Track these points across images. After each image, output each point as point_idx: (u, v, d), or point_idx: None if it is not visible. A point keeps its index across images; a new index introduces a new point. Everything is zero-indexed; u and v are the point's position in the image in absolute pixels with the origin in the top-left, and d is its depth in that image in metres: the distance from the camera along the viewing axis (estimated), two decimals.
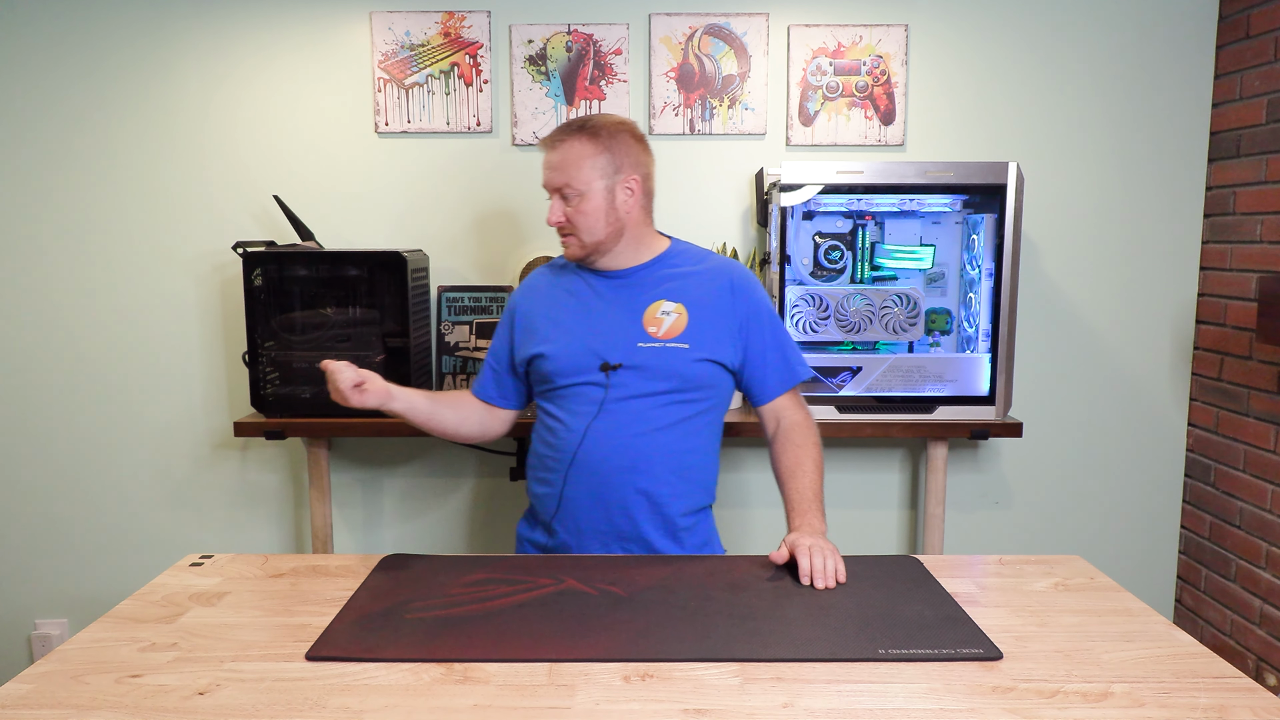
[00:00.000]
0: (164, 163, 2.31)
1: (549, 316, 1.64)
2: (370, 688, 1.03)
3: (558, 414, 1.59)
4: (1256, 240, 2.16)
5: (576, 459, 1.55)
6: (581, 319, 1.60)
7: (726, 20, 2.26)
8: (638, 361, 1.54)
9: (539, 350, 1.60)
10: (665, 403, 1.55)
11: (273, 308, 2.09)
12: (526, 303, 1.69)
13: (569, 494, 1.57)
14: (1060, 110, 2.30)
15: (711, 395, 1.60)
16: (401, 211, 2.34)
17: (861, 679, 1.05)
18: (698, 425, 1.59)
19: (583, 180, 1.55)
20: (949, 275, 2.20)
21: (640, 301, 1.59)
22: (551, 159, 1.57)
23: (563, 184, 1.56)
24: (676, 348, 1.55)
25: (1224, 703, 1.00)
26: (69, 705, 1.00)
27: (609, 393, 1.54)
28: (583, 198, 1.56)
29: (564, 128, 1.58)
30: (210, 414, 2.40)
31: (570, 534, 1.58)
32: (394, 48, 2.27)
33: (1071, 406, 2.41)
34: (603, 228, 1.58)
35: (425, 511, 2.45)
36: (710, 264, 1.64)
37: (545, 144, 1.59)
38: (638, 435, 1.54)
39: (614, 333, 1.57)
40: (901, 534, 2.47)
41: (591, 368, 1.56)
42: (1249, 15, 2.17)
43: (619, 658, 1.09)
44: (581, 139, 1.56)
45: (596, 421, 1.54)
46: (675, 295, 1.59)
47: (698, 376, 1.56)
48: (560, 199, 1.58)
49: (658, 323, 1.57)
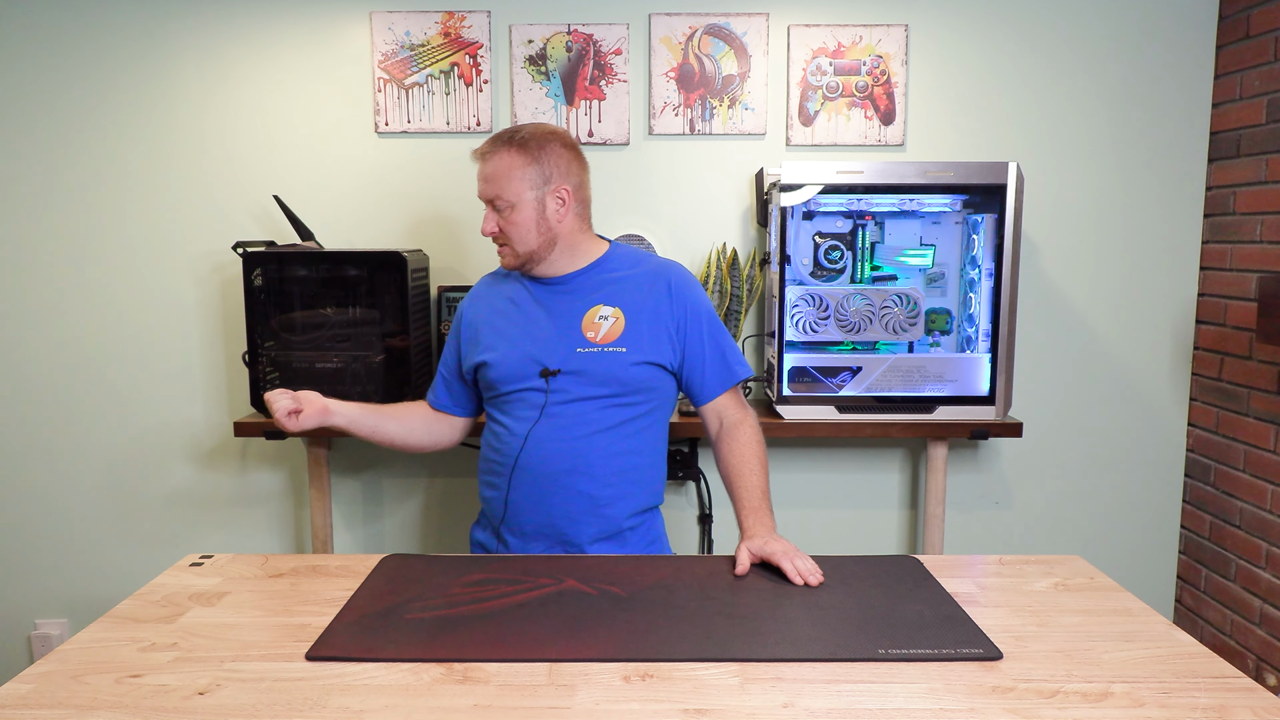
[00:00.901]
0: (164, 163, 2.31)
1: (491, 325, 1.67)
2: (370, 688, 1.03)
3: (502, 420, 1.63)
4: (1256, 240, 2.16)
5: (519, 463, 1.58)
6: (522, 326, 1.63)
7: (726, 20, 2.26)
8: (576, 366, 1.57)
9: (482, 358, 1.64)
10: (605, 405, 1.57)
11: (273, 308, 2.09)
12: (472, 311, 1.72)
13: (514, 498, 1.59)
14: (1060, 110, 2.30)
15: (653, 398, 1.62)
16: (401, 211, 2.34)
17: (861, 679, 1.05)
18: (639, 427, 1.61)
19: (513, 192, 1.57)
20: (949, 275, 2.20)
21: (578, 307, 1.61)
22: (483, 170, 1.59)
23: (494, 195, 1.59)
24: (615, 352, 1.57)
25: (1224, 703, 1.00)
26: (69, 705, 1.00)
27: (549, 398, 1.57)
28: (513, 209, 1.58)
29: (494, 139, 1.60)
30: (210, 414, 2.40)
31: (516, 536, 1.62)
32: (394, 48, 2.27)
33: (1071, 406, 2.41)
34: (534, 237, 1.60)
35: (425, 512, 2.45)
36: (647, 266, 1.66)
37: (476, 155, 1.61)
38: (578, 438, 1.56)
39: (553, 339, 1.59)
40: (901, 534, 2.47)
41: (532, 374, 1.58)
42: (1249, 15, 2.17)
43: (619, 658, 1.09)
44: (511, 151, 1.57)
45: (538, 426, 1.57)
46: (613, 299, 1.61)
47: (637, 380, 1.58)
48: (492, 210, 1.60)
49: (596, 327, 1.59)
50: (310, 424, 1.55)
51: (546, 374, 1.57)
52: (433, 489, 2.44)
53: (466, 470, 2.43)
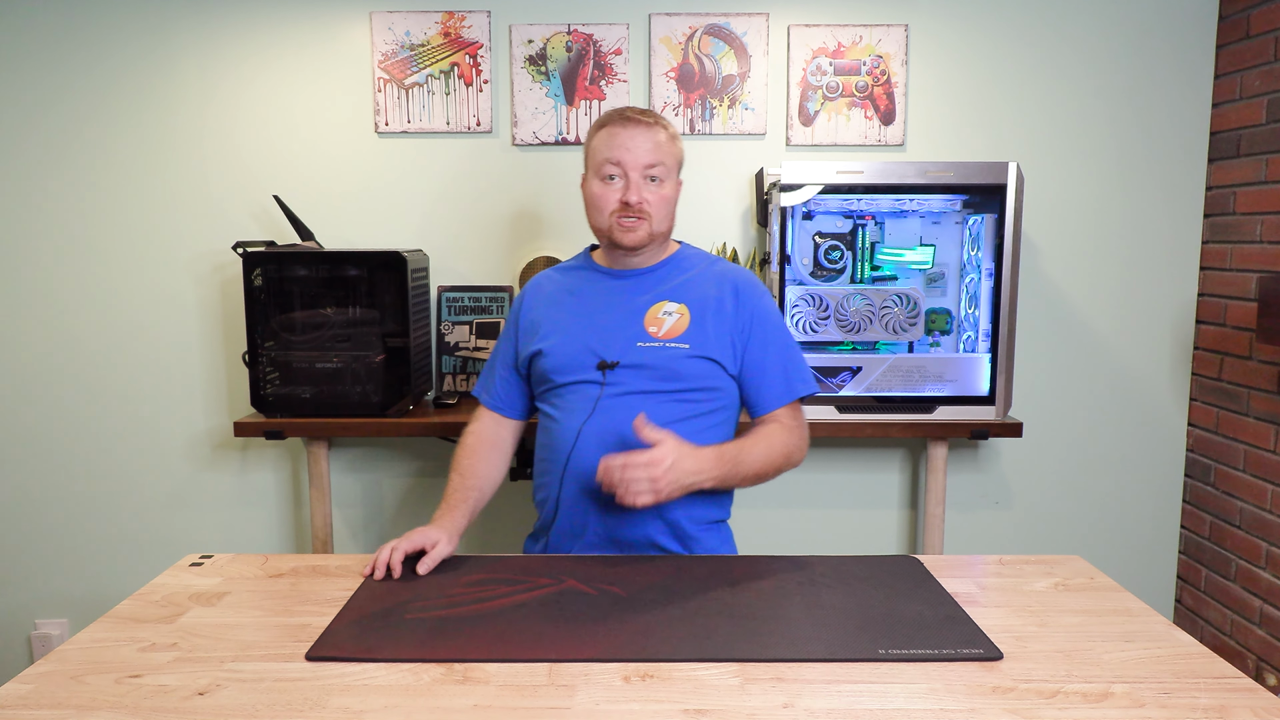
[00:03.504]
0: (164, 163, 2.31)
1: (549, 315, 1.62)
2: (370, 688, 1.03)
3: (553, 413, 1.57)
4: (1256, 240, 2.16)
5: (572, 458, 1.52)
6: (581, 317, 1.59)
7: (726, 20, 2.26)
8: (635, 360, 1.52)
9: (538, 347, 1.59)
10: (663, 400, 1.51)
11: (273, 308, 2.09)
12: (532, 299, 1.67)
13: (565, 495, 1.54)
14: (1060, 110, 2.30)
15: (714, 399, 1.56)
16: (401, 211, 2.34)
17: (861, 679, 1.05)
18: (700, 427, 1.54)
19: (670, 165, 1.54)
20: (949, 275, 2.20)
21: (642, 302, 1.58)
22: (646, 137, 1.51)
23: (655, 161, 1.52)
24: (676, 347, 1.53)
25: (1224, 703, 1.00)
26: (69, 705, 1.00)
27: (605, 390, 1.52)
28: (662, 184, 1.54)
29: (645, 111, 1.55)
30: (210, 414, 2.40)
31: (566, 537, 1.56)
32: (394, 48, 2.27)
33: (1071, 406, 2.41)
34: (667, 219, 1.57)
35: (425, 511, 2.45)
36: (718, 268, 1.62)
37: (630, 119, 1.52)
38: (633, 432, 1.48)
39: (613, 331, 1.55)
40: (901, 534, 2.47)
41: (589, 365, 1.54)
42: (1249, 15, 2.17)
43: (619, 658, 1.09)
44: (667, 128, 1.55)
45: (591, 420, 1.51)
46: (678, 296, 1.57)
47: (696, 374, 1.53)
48: (643, 179, 1.52)
49: (659, 323, 1.55)
50: (446, 554, 1.41)
51: (604, 366, 1.52)
52: (433, 489, 2.44)
53: None
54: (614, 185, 1.54)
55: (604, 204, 1.54)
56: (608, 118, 1.56)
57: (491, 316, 2.31)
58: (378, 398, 2.10)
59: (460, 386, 2.32)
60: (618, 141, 1.52)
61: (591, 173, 1.57)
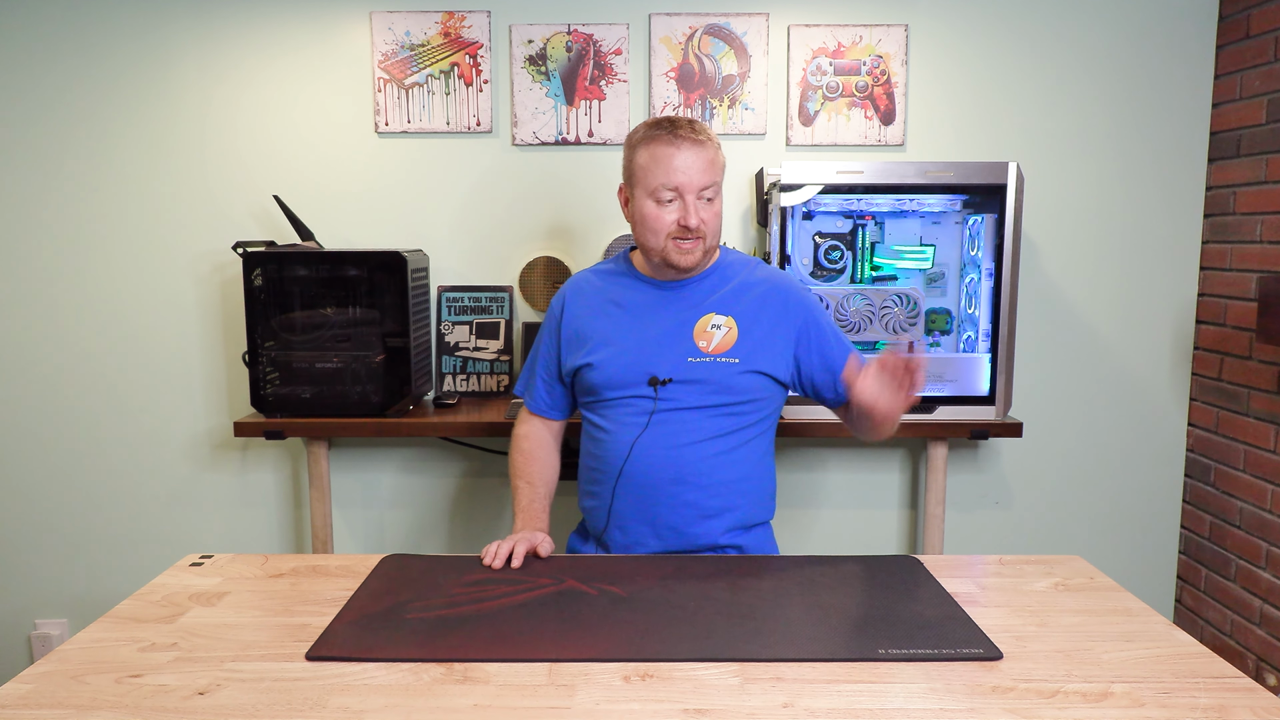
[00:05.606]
0: (164, 163, 2.31)
1: (597, 327, 1.60)
2: (370, 688, 1.03)
3: (604, 425, 1.57)
4: (1256, 240, 2.16)
5: (624, 472, 1.53)
6: (629, 331, 1.57)
7: (726, 20, 2.26)
8: (688, 376, 1.52)
9: (587, 360, 1.58)
10: (713, 415, 1.53)
11: (273, 308, 2.09)
12: (574, 308, 1.64)
13: (617, 507, 1.55)
14: (1060, 110, 2.30)
15: (760, 409, 1.57)
16: (401, 211, 2.34)
17: (861, 679, 1.05)
18: (745, 438, 1.56)
19: (721, 180, 1.54)
20: (949, 275, 2.20)
21: (691, 314, 1.57)
22: (699, 156, 1.49)
23: (710, 182, 1.50)
24: (727, 362, 1.53)
25: (1224, 703, 1.00)
26: (69, 705, 1.00)
27: (657, 404, 1.53)
28: (714, 201, 1.53)
29: (691, 125, 1.51)
30: (210, 414, 2.40)
31: (620, 549, 1.57)
32: (394, 48, 2.27)
33: (1071, 406, 2.41)
34: (719, 233, 1.57)
35: (425, 511, 2.45)
36: (760, 274, 1.62)
37: (681, 138, 1.49)
38: (686, 446, 1.52)
39: (664, 346, 1.55)
40: (901, 534, 2.47)
41: (640, 381, 1.54)
42: (1249, 15, 2.17)
43: (619, 658, 1.09)
44: (713, 142, 1.53)
45: (645, 434, 1.52)
46: (725, 308, 1.57)
47: (747, 389, 1.54)
48: (699, 200, 1.50)
49: (708, 336, 1.54)
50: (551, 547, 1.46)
51: (655, 383, 1.52)
52: (433, 489, 2.44)
53: (467, 470, 2.43)
54: (669, 207, 1.51)
55: (660, 226, 1.52)
56: (654, 134, 1.51)
57: (491, 316, 2.31)
58: (378, 398, 2.10)
59: (460, 387, 2.32)
60: (675, 165, 1.49)
61: (643, 192, 1.53)
